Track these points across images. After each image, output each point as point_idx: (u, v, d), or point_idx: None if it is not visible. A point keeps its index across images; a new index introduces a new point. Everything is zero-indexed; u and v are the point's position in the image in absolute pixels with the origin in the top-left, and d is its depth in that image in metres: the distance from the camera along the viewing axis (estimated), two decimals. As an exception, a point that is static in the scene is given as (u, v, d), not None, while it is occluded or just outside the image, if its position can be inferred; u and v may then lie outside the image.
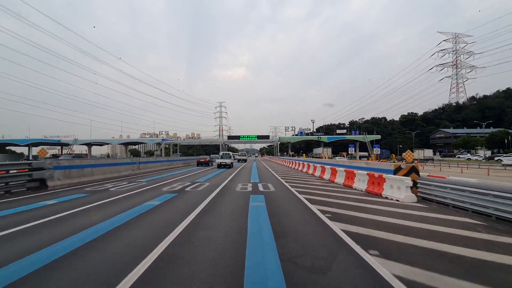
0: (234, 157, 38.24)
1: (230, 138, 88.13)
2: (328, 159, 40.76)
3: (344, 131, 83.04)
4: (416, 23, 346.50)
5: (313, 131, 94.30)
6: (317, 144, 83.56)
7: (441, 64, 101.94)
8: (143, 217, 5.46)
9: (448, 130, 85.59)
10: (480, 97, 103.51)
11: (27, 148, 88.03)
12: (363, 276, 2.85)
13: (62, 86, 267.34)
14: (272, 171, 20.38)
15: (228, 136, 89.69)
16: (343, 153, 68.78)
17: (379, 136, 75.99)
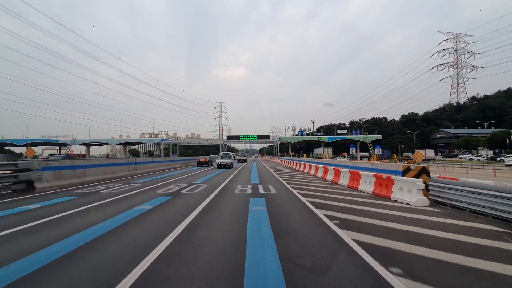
0: (234, 157, 37.90)
1: (230, 138, 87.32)
2: (329, 160, 40.25)
3: (345, 131, 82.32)
4: (416, 23, 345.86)
5: (314, 131, 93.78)
6: (318, 144, 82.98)
7: (442, 64, 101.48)
8: (131, 225, 4.93)
9: (449, 130, 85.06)
10: (481, 97, 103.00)
11: (25, 148, 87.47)
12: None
13: (62, 86, 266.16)
14: (273, 172, 19.85)
15: (228, 136, 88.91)
16: (344, 153, 68.25)
17: (380, 136, 75.37)
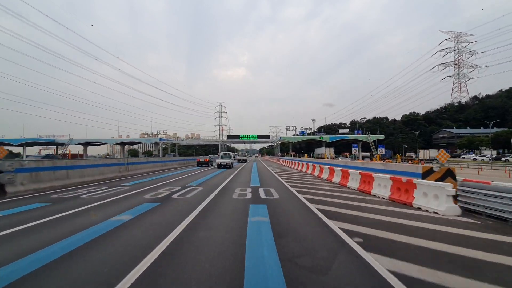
0: (234, 158, 37.10)
1: (230, 138, 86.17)
2: (331, 160, 39.22)
3: (347, 131, 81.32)
4: (416, 23, 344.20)
5: (314, 131, 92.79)
6: (319, 144, 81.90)
7: (443, 63, 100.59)
8: (97, 244, 3.87)
9: (451, 130, 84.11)
10: (483, 97, 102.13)
11: (21, 148, 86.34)
12: None
13: (62, 86, 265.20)
14: (274, 173, 18.80)
15: (228, 136, 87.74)
16: (346, 153, 67.22)
17: (383, 136, 74.38)
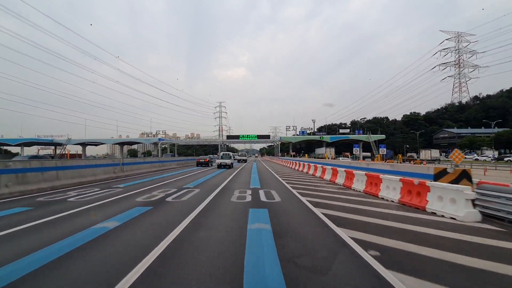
0: (234, 158, 36.71)
1: (229, 138, 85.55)
2: (332, 160, 38.73)
3: (347, 131, 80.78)
4: (416, 23, 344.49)
5: (315, 131, 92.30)
6: (319, 144, 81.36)
7: (444, 63, 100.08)
8: (72, 258, 3.35)
9: (452, 130, 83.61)
10: (483, 97, 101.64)
11: (20, 148, 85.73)
12: None
13: (61, 86, 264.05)
14: (274, 173, 18.28)
15: (227, 136, 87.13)
16: (346, 153, 66.67)
17: (384, 136, 73.88)
